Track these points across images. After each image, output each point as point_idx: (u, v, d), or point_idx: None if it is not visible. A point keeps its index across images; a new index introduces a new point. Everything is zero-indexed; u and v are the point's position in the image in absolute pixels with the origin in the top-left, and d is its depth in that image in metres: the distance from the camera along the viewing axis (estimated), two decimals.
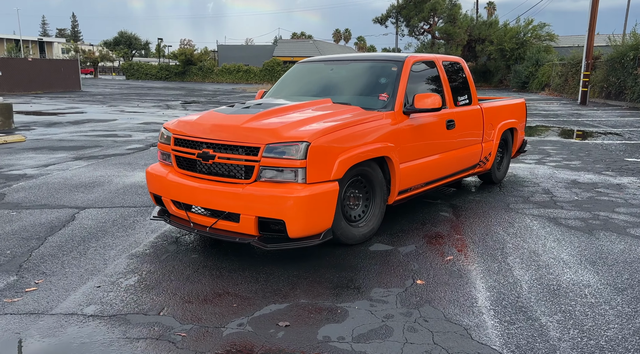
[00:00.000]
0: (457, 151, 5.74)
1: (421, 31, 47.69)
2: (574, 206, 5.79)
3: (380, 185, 4.62)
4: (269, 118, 4.20)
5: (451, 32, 43.76)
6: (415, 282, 3.68)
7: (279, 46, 55.37)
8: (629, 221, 5.19)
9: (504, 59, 42.44)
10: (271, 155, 3.83)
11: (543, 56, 36.32)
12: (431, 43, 48.27)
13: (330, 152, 3.96)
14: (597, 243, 4.54)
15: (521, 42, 41.57)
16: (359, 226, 4.48)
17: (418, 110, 4.86)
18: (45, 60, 38.35)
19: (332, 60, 5.75)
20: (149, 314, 3.10)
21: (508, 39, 41.55)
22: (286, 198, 3.74)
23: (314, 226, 3.90)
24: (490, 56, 43.90)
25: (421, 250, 4.34)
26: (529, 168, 8.09)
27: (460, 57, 6.39)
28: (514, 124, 7.07)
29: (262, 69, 54.05)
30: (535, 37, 41.99)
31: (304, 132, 3.92)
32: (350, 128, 4.22)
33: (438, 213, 5.51)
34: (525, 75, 36.83)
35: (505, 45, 41.43)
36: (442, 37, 45.97)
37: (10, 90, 30.51)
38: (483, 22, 46.06)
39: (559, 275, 3.82)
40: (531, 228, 4.96)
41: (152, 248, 4.23)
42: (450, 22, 44.31)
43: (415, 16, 44.87)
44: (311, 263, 4.01)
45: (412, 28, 47.20)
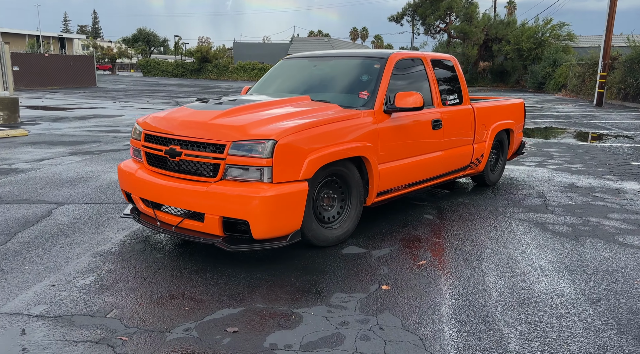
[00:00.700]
0: (445, 152, 5.57)
1: (437, 30, 47.20)
2: (565, 211, 5.59)
3: (356, 186, 4.49)
4: (238, 115, 4.10)
5: (467, 31, 43.21)
6: (381, 287, 3.55)
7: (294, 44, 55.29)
8: (620, 228, 4.98)
9: (521, 58, 41.78)
10: (237, 153, 3.73)
11: (561, 56, 35.65)
12: (447, 42, 47.78)
13: (299, 151, 3.84)
14: (580, 251, 4.35)
15: (539, 41, 40.87)
16: (332, 228, 4.36)
17: (399, 109, 4.71)
18: (61, 56, 38.85)
19: (316, 57, 5.63)
20: (96, 316, 3.02)
21: (525, 39, 40.89)
22: (251, 198, 3.63)
23: (281, 227, 3.79)
24: (507, 56, 43.25)
25: (395, 254, 4.21)
26: (528, 171, 7.87)
27: (453, 56, 6.21)
28: (510, 125, 6.87)
29: None
30: (554, 37, 41.26)
31: (272, 130, 3.81)
32: (322, 127, 4.10)
33: (422, 215, 5.36)
34: (542, 76, 36.20)
35: (522, 45, 40.77)
36: (458, 36, 45.44)
37: (27, 85, 30.98)
38: (500, 21, 45.39)
39: (533, 283, 3.66)
40: (515, 233, 4.78)
41: (119, 247, 4.16)
42: (467, 21, 43.75)
43: (431, 15, 44.42)
44: (278, 265, 3.90)
45: (428, 27, 46.74)
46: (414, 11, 46.43)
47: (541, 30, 41.63)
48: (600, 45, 23.31)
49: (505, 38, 42.98)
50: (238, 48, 60.32)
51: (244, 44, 63.40)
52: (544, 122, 15.66)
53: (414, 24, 48.24)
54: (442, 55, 6.00)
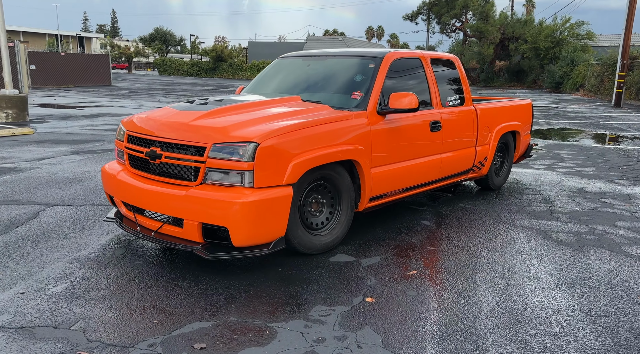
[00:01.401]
0: (445, 155, 5.35)
1: (453, 28, 46.66)
2: (571, 218, 5.33)
3: (347, 190, 4.30)
4: (221, 116, 3.94)
5: (483, 29, 42.61)
6: (365, 300, 3.36)
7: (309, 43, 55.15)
8: (627, 238, 4.71)
9: (538, 58, 41.05)
10: (217, 155, 3.57)
11: (579, 55, 34.94)
12: (463, 40, 47.22)
13: (282, 154, 3.67)
14: (583, 262, 4.11)
15: (557, 40, 40.12)
16: (320, 235, 4.17)
17: (393, 110, 4.51)
18: (77, 54, 39.21)
19: (311, 56, 5.45)
20: (60, 327, 2.88)
21: (543, 38, 40.16)
22: (230, 204, 3.47)
23: (262, 234, 3.62)
24: (524, 55, 42.53)
25: (385, 263, 4.01)
26: (536, 174, 7.59)
27: (454, 55, 5.98)
28: (516, 127, 6.61)
29: None
30: (573, 36, 40.47)
31: (253, 132, 3.64)
32: (309, 129, 3.92)
33: (419, 221, 5.15)
34: (560, 75, 35.50)
35: (539, 44, 40.05)
36: (474, 34, 44.85)
37: (44, 83, 31.30)
38: (517, 19, 44.65)
39: (528, 298, 3.44)
40: (515, 242, 4.55)
41: (99, 252, 4.03)
42: (483, 20, 43.14)
43: (447, 13, 43.91)
44: (260, 274, 3.73)
45: (444, 25, 46.24)
46: (429, 9, 45.97)
47: (559, 29, 40.86)
48: (620, 44, 22.73)
49: (522, 37, 42.26)
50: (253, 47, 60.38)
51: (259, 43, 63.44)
52: (558, 122, 15.27)
53: (429, 22, 47.77)
54: (443, 55, 5.78)
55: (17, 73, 24.57)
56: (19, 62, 24.58)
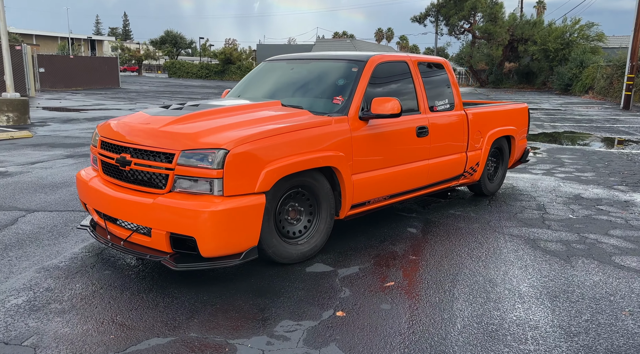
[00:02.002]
0: (433, 161, 5.21)
1: (461, 30, 46.34)
2: (563, 226, 5.16)
3: (326, 198, 4.18)
4: (193, 122, 3.84)
5: (492, 31, 42.27)
6: (335, 314, 3.23)
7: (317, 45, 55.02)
8: (619, 247, 4.54)
9: (547, 59, 40.66)
10: (186, 162, 3.47)
11: (588, 57, 34.52)
12: (472, 42, 46.90)
13: (254, 161, 3.56)
14: (569, 273, 3.95)
15: (566, 42, 39.73)
16: (298, 244, 4.06)
17: (375, 115, 4.39)
18: (86, 57, 39.45)
19: (295, 59, 5.33)
20: (11, 343, 2.78)
21: (552, 39, 39.78)
22: (198, 213, 3.36)
23: (233, 244, 3.51)
24: (534, 57, 42.13)
25: (363, 273, 3.88)
26: (533, 180, 7.41)
27: (444, 59, 5.84)
28: (511, 132, 6.45)
29: None
30: (582, 37, 40.04)
31: (223, 138, 3.54)
32: (284, 135, 3.80)
33: (405, 228, 5.01)
34: (569, 77, 35.10)
35: (549, 46, 39.67)
36: (482, 36, 44.53)
37: (52, 86, 31.52)
38: (527, 21, 44.24)
39: (506, 312, 3.29)
40: (500, 251, 4.40)
41: (69, 261, 3.95)
42: (491, 21, 42.79)
43: (455, 15, 43.60)
44: (231, 285, 3.62)
45: (452, 27, 45.93)
46: (437, 11, 45.69)
47: (569, 30, 40.46)
48: (629, 46, 22.38)
49: (532, 38, 41.88)
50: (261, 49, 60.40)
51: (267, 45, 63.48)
52: (563, 125, 15.02)
53: (437, 24, 47.47)
54: (431, 58, 5.64)
55: (24, 76, 24.79)
56: (26, 65, 24.79)
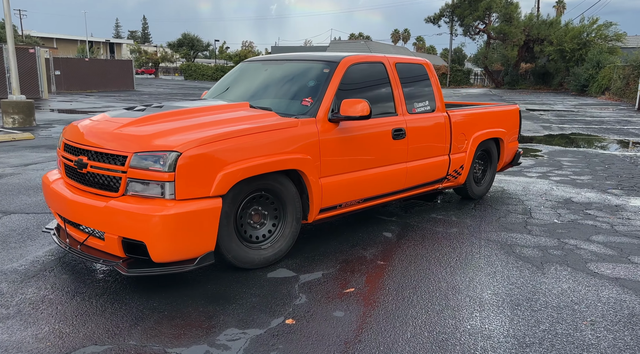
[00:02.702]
0: (412, 164, 5.11)
1: (476, 31, 45.89)
2: (544, 231, 5.01)
3: (292, 201, 4.11)
4: (150, 124, 3.80)
5: (507, 31, 41.76)
6: (285, 321, 3.16)
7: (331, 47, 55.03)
8: (597, 254, 4.38)
9: (563, 60, 40.02)
10: (138, 165, 3.43)
11: (605, 57, 33.87)
12: (487, 43, 46.41)
13: (209, 164, 3.50)
14: (538, 280, 3.81)
15: (583, 42, 39.05)
16: (261, 249, 3.99)
17: (344, 117, 4.31)
18: (101, 60, 39.97)
19: (270, 60, 5.28)
20: None
21: (569, 39, 39.14)
22: (147, 217, 3.32)
23: (186, 250, 3.46)
24: (550, 57, 41.52)
25: (325, 279, 3.80)
26: (526, 183, 7.24)
27: (426, 59, 5.72)
28: (499, 134, 6.30)
29: None
30: (600, 37, 39.33)
31: (176, 141, 3.49)
32: (244, 137, 3.74)
33: (380, 233, 4.91)
34: (585, 78, 34.47)
35: (565, 46, 39.04)
36: (497, 36, 44.02)
37: (68, 89, 32.02)
38: (543, 21, 43.61)
39: (462, 321, 3.18)
40: (472, 257, 4.28)
41: (30, 265, 3.94)
42: (507, 21, 42.28)
43: (470, 15, 43.17)
44: (184, 291, 3.56)
45: (467, 27, 45.51)
46: (451, 12, 45.30)
47: (586, 30, 39.78)
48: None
49: (548, 39, 41.29)
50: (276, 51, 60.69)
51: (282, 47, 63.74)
52: (571, 127, 14.72)
53: (452, 25, 47.07)
54: (411, 59, 5.54)
55: (38, 79, 25.21)
56: (39, 67, 25.19)
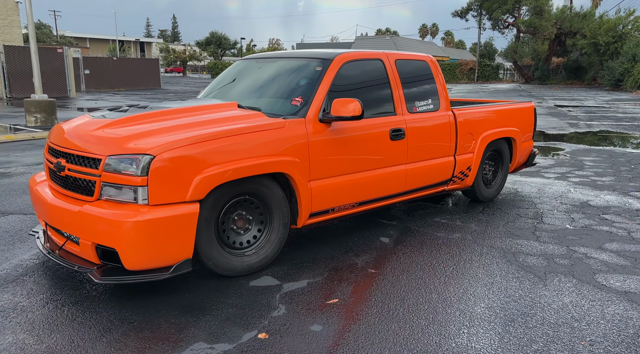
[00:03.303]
0: (412, 165, 4.87)
1: (505, 24, 44.80)
2: (553, 237, 4.71)
3: (278, 206, 3.93)
4: (128, 125, 3.67)
5: (537, 25, 40.60)
6: (258, 336, 2.99)
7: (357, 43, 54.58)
8: (607, 264, 4.07)
9: (597, 54, 38.70)
10: (112, 169, 3.31)
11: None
12: (516, 37, 45.27)
13: (185, 168, 3.35)
14: (538, 293, 3.54)
15: (618, 35, 37.66)
16: (244, 255, 3.83)
17: (335, 118, 4.10)
18: (128, 59, 40.57)
19: (264, 58, 5.10)
20: None
21: (603, 32, 37.81)
22: (119, 223, 3.19)
23: (160, 257, 3.32)
24: (583, 51, 40.20)
25: (309, 289, 3.62)
26: (542, 184, 6.89)
27: (429, 55, 5.46)
28: (511, 133, 5.99)
29: None
30: (637, 30, 37.88)
31: (150, 143, 3.35)
32: (225, 139, 3.58)
33: (377, 238, 4.69)
34: (620, 72, 33.21)
35: (599, 39, 37.73)
36: (527, 30, 42.86)
37: (97, 87, 32.63)
38: (576, 13, 42.26)
39: (447, 338, 2.95)
40: (470, 265, 4.03)
41: (12, 269, 3.87)
42: (537, 14, 41.09)
43: (498, 8, 42.13)
44: (160, 300, 3.42)
45: (495, 21, 44.47)
46: (479, 5, 44.31)
47: (622, 22, 38.35)
48: None
49: (581, 32, 39.98)
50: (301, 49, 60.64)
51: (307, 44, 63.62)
52: (600, 124, 14.11)
53: (480, 19, 46.07)
54: (413, 55, 5.28)
55: (65, 78, 25.71)
56: (67, 67, 25.67)
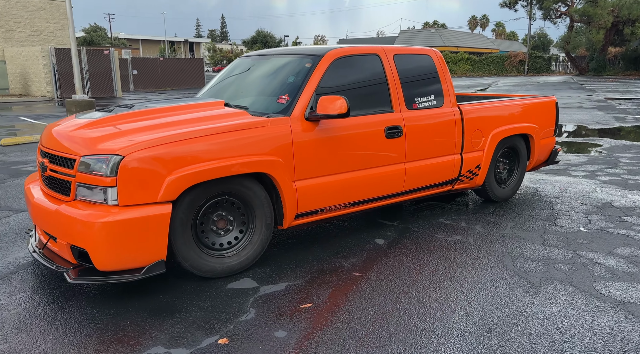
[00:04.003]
0: (411, 164, 4.68)
1: (557, 14, 42.90)
2: (561, 241, 4.41)
3: (261, 207, 3.86)
4: (105, 126, 3.68)
5: (592, 13, 38.63)
6: (218, 341, 2.92)
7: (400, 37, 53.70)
8: (613, 270, 3.76)
9: None
10: (84, 169, 3.33)
11: None
12: (569, 27, 43.31)
13: (155, 168, 3.32)
14: (525, 301, 3.30)
15: None
16: (224, 257, 3.77)
17: (322, 116, 3.98)
18: (174, 59, 41.61)
19: (259, 55, 5.02)
20: None
21: None
22: (89, 224, 3.20)
23: (131, 258, 3.31)
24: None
25: (286, 292, 3.52)
26: (567, 183, 6.50)
27: (435, 49, 5.20)
28: (526, 130, 5.65)
29: None
30: None
31: (120, 144, 3.35)
32: (200, 139, 3.52)
33: (372, 239, 4.54)
34: None
35: None
36: (581, 19, 40.87)
37: (144, 87, 33.71)
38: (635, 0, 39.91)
39: (412, 348, 2.78)
40: (462, 270, 3.81)
41: (4, 267, 3.95)
42: (591, 2, 39.09)
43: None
44: (133, 301, 3.40)
45: (547, 11, 42.64)
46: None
47: None
48: None
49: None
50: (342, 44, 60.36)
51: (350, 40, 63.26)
52: None
53: (530, 8, 44.32)
54: (415, 49, 5.06)
55: (112, 79, 26.65)
56: (114, 68, 26.59)
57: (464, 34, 64.51)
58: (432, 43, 51.26)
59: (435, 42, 52.02)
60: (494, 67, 52.48)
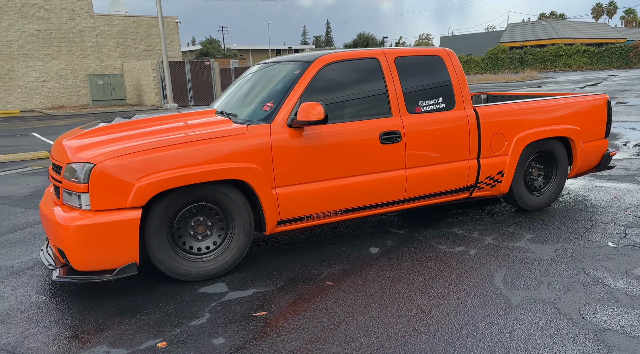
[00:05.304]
0: (413, 170, 4.46)
1: None
2: (575, 256, 3.94)
3: (239, 213, 3.91)
4: (93, 136, 3.98)
5: None
6: (157, 344, 3.01)
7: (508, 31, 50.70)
8: (616, 293, 3.28)
9: None
10: (66, 176, 3.63)
11: None
12: None
13: (125, 175, 3.50)
14: (489, 322, 2.99)
15: None
16: (201, 261, 3.87)
17: (303, 122, 3.94)
18: None
19: (265, 63, 5.06)
20: None
21: None
22: (64, 226, 3.48)
23: (103, 260, 3.52)
24: None
25: (250, 298, 3.53)
26: (624, 191, 5.76)
27: (445, 49, 4.86)
28: (564, 132, 5.11)
29: (485, 58, 50.15)
30: None
31: (93, 153, 3.59)
32: (173, 147, 3.64)
33: (367, 248, 4.39)
34: None
35: None
36: None
37: None
38: None
39: None
40: (441, 284, 3.55)
41: (22, 263, 4.36)
42: None
43: None
44: (107, 299, 3.58)
45: None
46: None
47: None
48: None
49: None
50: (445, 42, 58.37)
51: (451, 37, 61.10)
52: None
53: None
54: (421, 50, 4.79)
55: (212, 88, 28.36)
56: (214, 78, 28.30)
57: (582, 23, 59.30)
58: (542, 36, 47.84)
59: (546, 35, 48.44)
60: (617, 58, 47.66)
